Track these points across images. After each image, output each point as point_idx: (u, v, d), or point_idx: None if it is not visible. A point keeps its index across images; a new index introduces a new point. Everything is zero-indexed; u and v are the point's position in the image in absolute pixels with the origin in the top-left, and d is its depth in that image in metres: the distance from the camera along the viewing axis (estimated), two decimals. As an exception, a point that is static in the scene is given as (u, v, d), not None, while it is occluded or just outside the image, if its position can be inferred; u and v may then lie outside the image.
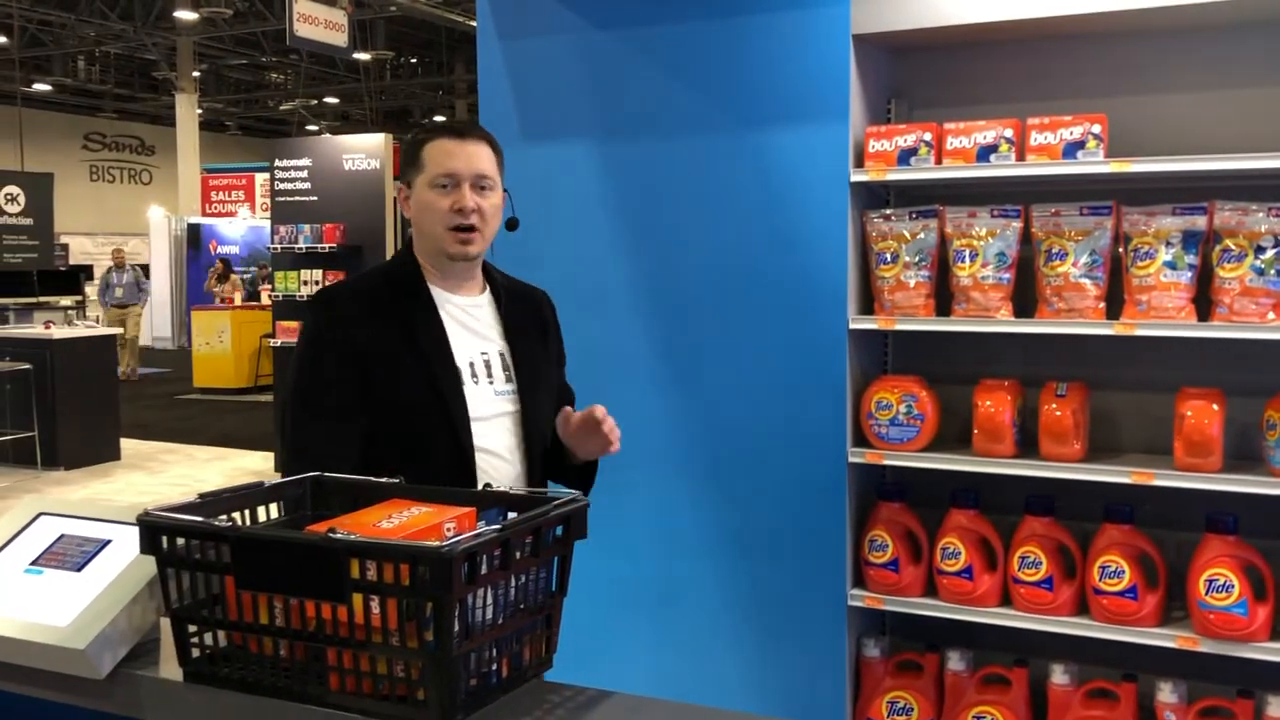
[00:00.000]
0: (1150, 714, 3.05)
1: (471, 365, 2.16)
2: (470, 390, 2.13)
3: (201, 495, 1.68)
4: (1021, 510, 3.15)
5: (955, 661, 3.27)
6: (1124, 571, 2.96)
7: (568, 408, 2.28)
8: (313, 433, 2.10)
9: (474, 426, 2.12)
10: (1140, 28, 3.10)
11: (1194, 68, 3.11)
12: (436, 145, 2.16)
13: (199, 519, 1.58)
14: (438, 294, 2.20)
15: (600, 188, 3.51)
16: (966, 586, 3.13)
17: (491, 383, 2.17)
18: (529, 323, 2.30)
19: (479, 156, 2.16)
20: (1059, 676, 3.14)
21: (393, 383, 2.10)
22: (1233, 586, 2.84)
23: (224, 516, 1.66)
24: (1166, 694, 3.01)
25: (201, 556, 1.55)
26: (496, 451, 2.15)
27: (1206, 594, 2.86)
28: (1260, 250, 2.83)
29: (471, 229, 2.14)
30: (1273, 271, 2.82)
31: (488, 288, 2.28)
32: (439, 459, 2.08)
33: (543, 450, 2.26)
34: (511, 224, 2.37)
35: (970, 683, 3.24)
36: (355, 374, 2.09)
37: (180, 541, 1.56)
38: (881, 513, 3.28)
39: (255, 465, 9.42)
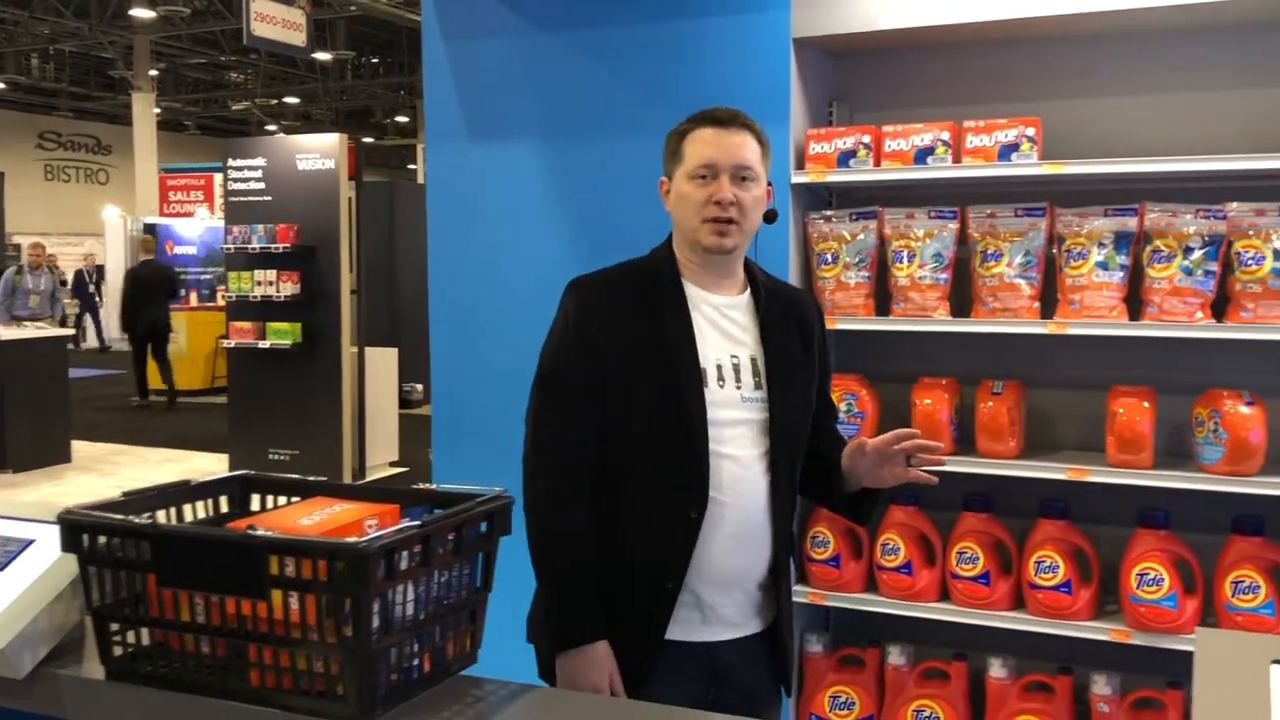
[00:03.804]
0: (1085, 706, 3.10)
1: (719, 367, 2.05)
2: (713, 392, 2.02)
3: (126, 493, 1.69)
4: (959, 507, 3.20)
5: (895, 656, 3.32)
6: (1059, 566, 3.01)
7: (866, 439, 2.10)
8: (552, 423, 2.05)
9: (712, 430, 2.01)
10: (1073, 33, 3.15)
11: (1126, 73, 3.17)
12: (697, 135, 2.07)
13: (119, 517, 1.58)
14: (693, 291, 2.10)
15: (544, 188, 3.52)
16: (906, 582, 3.18)
17: (739, 387, 2.06)
18: (789, 328, 2.16)
19: (741, 147, 2.05)
20: (997, 670, 3.19)
21: (632, 377, 2.02)
22: (1163, 580, 2.90)
23: (147, 515, 1.66)
24: (1100, 686, 3.07)
25: (123, 554, 1.55)
26: (736, 458, 2.03)
27: (1138, 588, 2.92)
28: (1188, 251, 2.89)
29: (729, 221, 2.03)
30: (1200, 272, 2.88)
31: (749, 288, 2.16)
32: (673, 459, 2.00)
33: (794, 463, 2.14)
34: (770, 216, 2.23)
35: (910, 677, 3.29)
36: (598, 365, 2.03)
37: (102, 540, 1.57)
38: (823, 510, 3.32)
39: (209, 467, 9.35)
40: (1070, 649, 3.13)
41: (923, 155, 3.12)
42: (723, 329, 2.10)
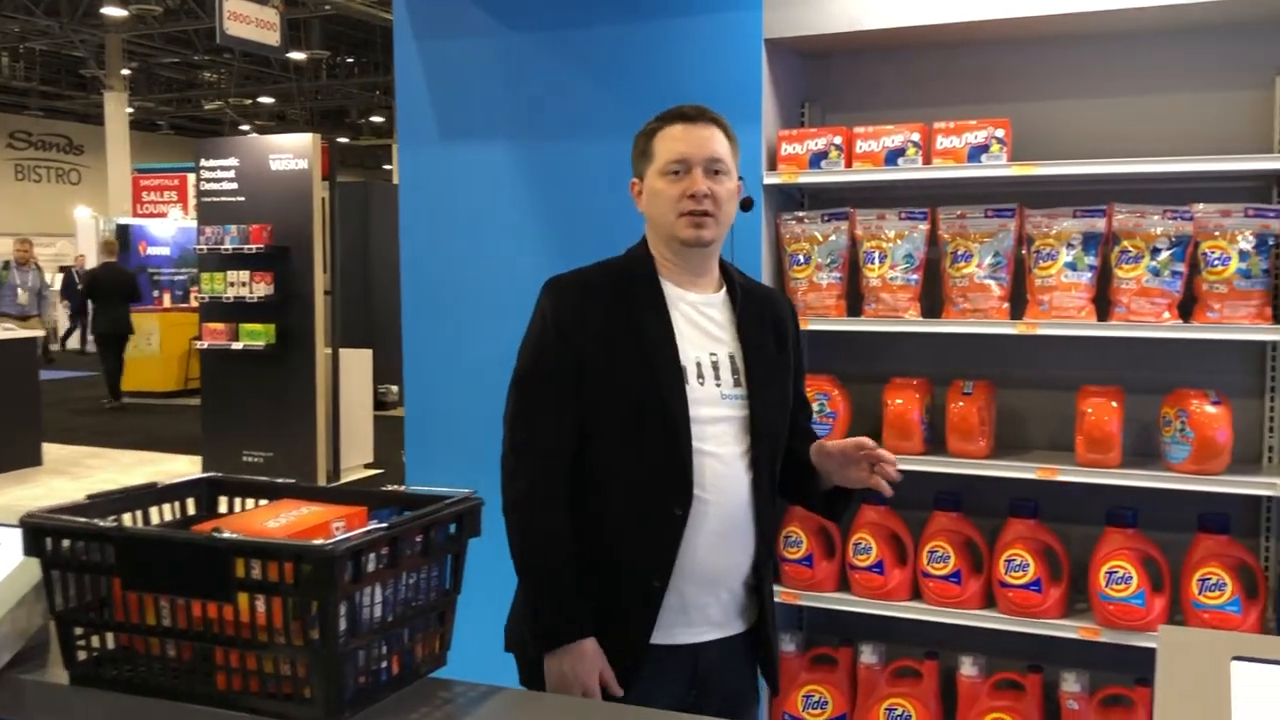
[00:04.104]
0: (1055, 703, 3.13)
1: (698, 365, 2.06)
2: (694, 389, 2.03)
3: (90, 496, 1.67)
4: (930, 506, 3.21)
5: (868, 655, 3.33)
6: (1029, 565, 3.03)
7: (826, 441, 2.12)
8: (531, 422, 2.05)
9: (694, 428, 2.02)
10: (1043, 35, 3.18)
11: (1094, 74, 3.19)
12: (666, 132, 2.08)
13: (83, 520, 1.57)
14: (670, 290, 2.10)
15: (517, 187, 3.52)
16: (878, 581, 3.19)
17: (719, 385, 2.06)
18: (766, 327, 2.18)
19: (711, 140, 2.06)
20: (968, 668, 3.21)
21: (612, 376, 2.03)
22: (1131, 578, 2.92)
23: (113, 518, 1.65)
24: (1070, 683, 3.10)
25: (87, 558, 1.54)
26: (718, 455, 2.04)
27: (1107, 586, 2.95)
28: (1156, 252, 2.92)
29: (705, 213, 2.04)
30: (1168, 272, 2.91)
31: (725, 287, 2.18)
32: (656, 457, 2.00)
33: (774, 461, 2.15)
34: (746, 204, 2.22)
35: (882, 675, 3.30)
36: (576, 364, 2.03)
37: (66, 543, 1.55)
38: (796, 510, 3.33)
39: (183, 469, 9.28)
40: (1040, 647, 3.15)
41: (893, 156, 3.14)
42: (701, 326, 2.10)
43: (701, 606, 2.06)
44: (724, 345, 2.11)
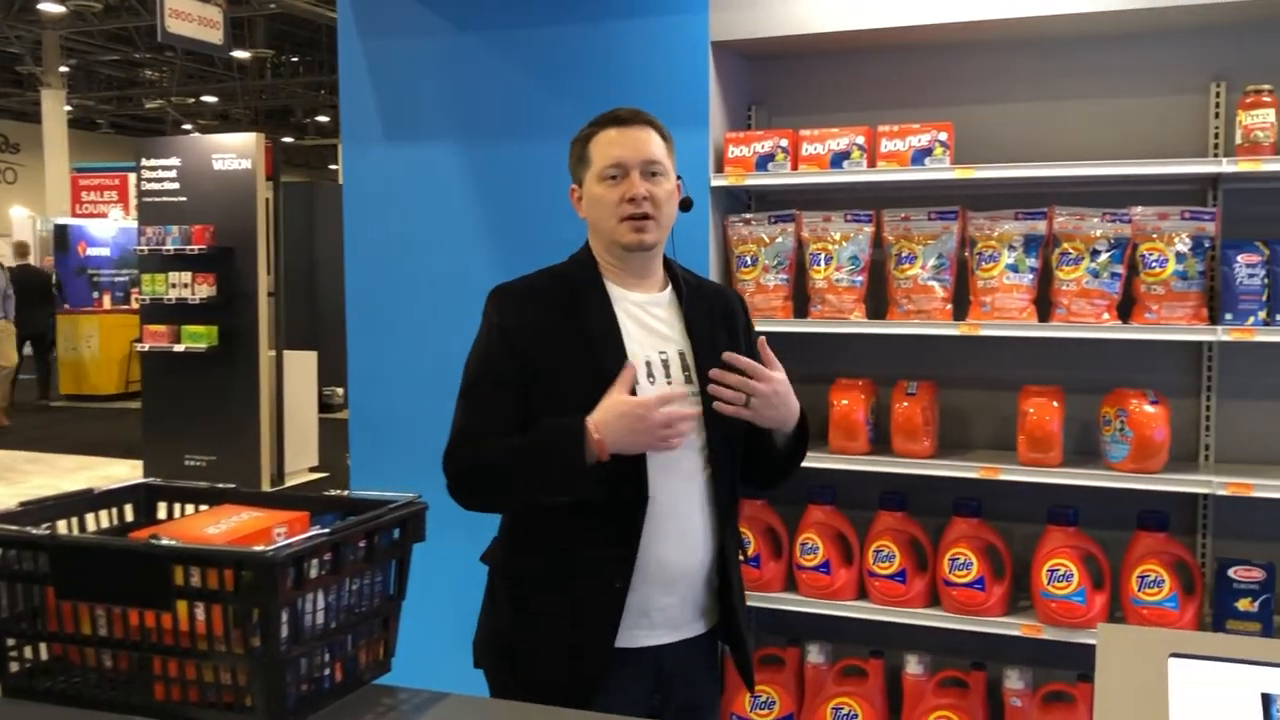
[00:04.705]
0: (998, 700, 3.17)
1: (648, 364, 2.04)
2: (644, 389, 2.00)
3: (23, 503, 1.64)
4: (876, 506, 3.24)
5: (815, 655, 3.35)
6: (972, 564, 3.06)
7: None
8: (479, 431, 2.01)
9: None
10: (985, 40, 3.22)
11: (1036, 79, 3.24)
12: (601, 137, 2.07)
13: (14, 528, 1.53)
14: (615, 291, 2.09)
15: (463, 189, 3.50)
16: (824, 581, 3.21)
17: (670, 382, 2.04)
18: (715, 322, 2.16)
19: (647, 142, 2.06)
20: (913, 666, 3.24)
21: (560, 380, 2.01)
22: (1072, 576, 2.96)
23: (46, 525, 1.62)
24: (1013, 680, 3.14)
25: (20, 567, 1.51)
26: (671, 454, 2.00)
27: (1049, 583, 2.99)
28: (1095, 254, 2.96)
29: (645, 216, 2.03)
30: (1107, 274, 2.96)
31: (670, 285, 2.17)
32: (608, 461, 1.95)
33: (733, 454, 2.13)
34: (685, 204, 2.20)
35: (829, 675, 3.32)
36: (524, 370, 2.01)
37: (-3, 552, 1.52)
38: (743, 510, 3.34)
39: (123, 474, 9.12)
40: (984, 645, 3.19)
41: (839, 159, 3.16)
42: (648, 326, 2.10)
43: (663, 608, 2.05)
44: (673, 343, 2.10)
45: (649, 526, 2.00)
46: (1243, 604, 2.88)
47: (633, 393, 1.96)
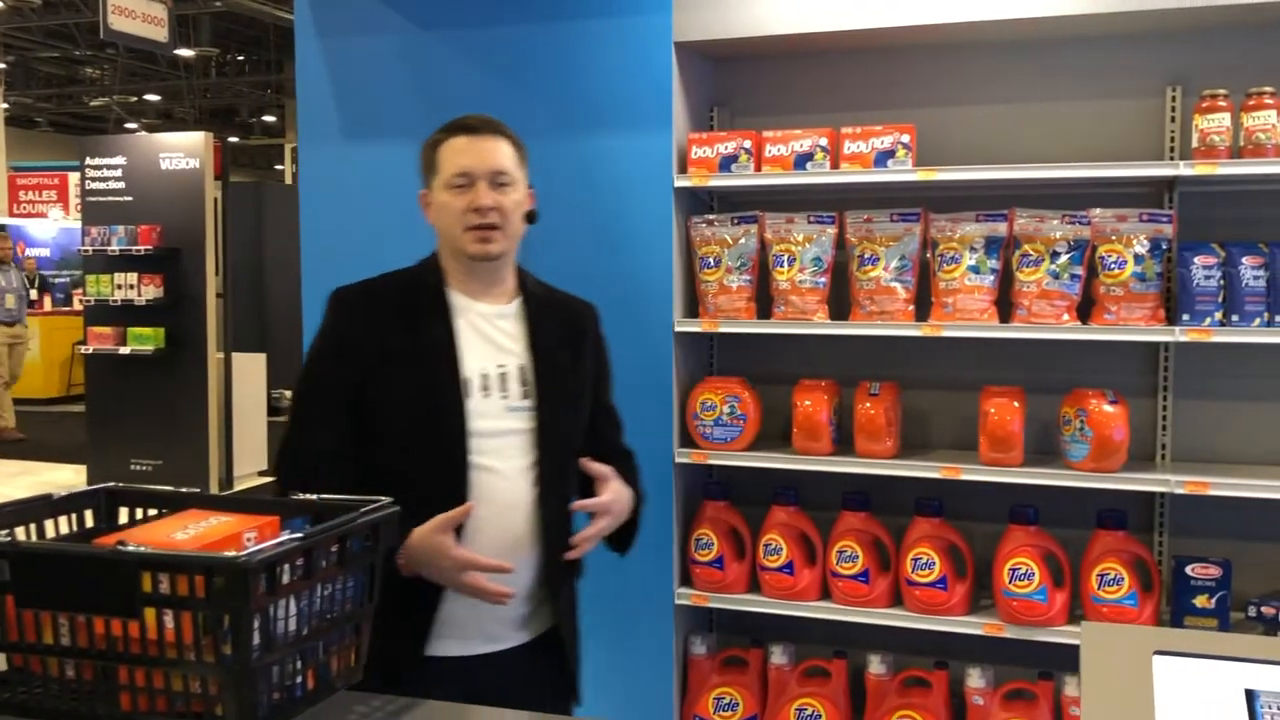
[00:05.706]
0: (960, 699, 3.19)
1: (484, 377, 2.04)
2: (476, 403, 2.01)
3: (-21, 510, 1.58)
4: (839, 506, 3.24)
5: (778, 655, 3.35)
6: (934, 563, 3.08)
7: (588, 462, 2.11)
8: (298, 435, 2.03)
9: (473, 441, 2.00)
10: (947, 42, 3.24)
11: (997, 82, 3.27)
12: (450, 144, 2.07)
13: (-27, 535, 1.48)
14: (460, 301, 2.09)
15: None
16: (788, 582, 3.21)
17: (505, 397, 2.04)
18: (560, 335, 2.15)
19: (495, 152, 2.06)
20: (876, 666, 3.25)
21: (391, 386, 2.00)
22: (1033, 574, 2.99)
23: (5, 531, 1.56)
24: (975, 679, 3.16)
25: (-22, 575, 1.45)
26: (498, 470, 2.02)
27: (1010, 582, 3.01)
28: (1055, 255, 2.99)
29: (491, 226, 2.03)
30: (1067, 275, 2.99)
31: (520, 296, 2.15)
32: (431, 471, 1.97)
33: (568, 473, 2.12)
34: (530, 216, 2.18)
35: (792, 676, 3.33)
36: (354, 375, 2.01)
37: (-46, 560, 1.46)
38: (707, 511, 3.34)
39: (66, 479, 8.93)
40: (946, 644, 3.20)
41: (802, 161, 3.17)
42: (490, 338, 2.09)
43: (478, 619, 2.03)
44: (514, 356, 2.09)
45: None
46: (1200, 601, 2.92)
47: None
